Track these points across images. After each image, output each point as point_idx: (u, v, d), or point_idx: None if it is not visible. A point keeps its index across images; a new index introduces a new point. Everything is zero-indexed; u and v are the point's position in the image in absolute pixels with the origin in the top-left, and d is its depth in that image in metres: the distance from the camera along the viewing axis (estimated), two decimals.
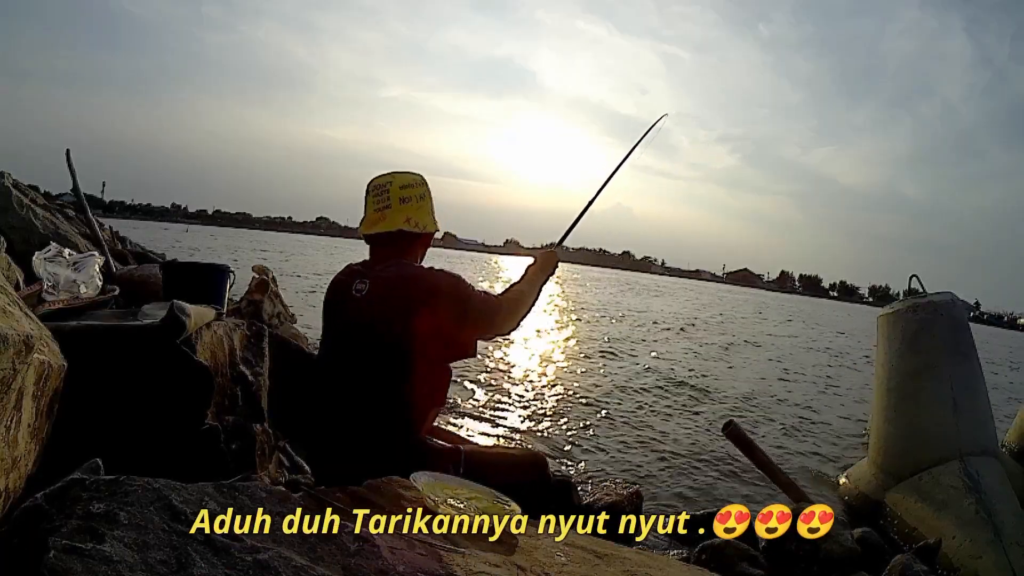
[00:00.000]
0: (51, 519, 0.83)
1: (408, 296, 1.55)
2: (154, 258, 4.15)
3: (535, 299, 1.79)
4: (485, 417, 4.58)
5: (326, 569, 0.92)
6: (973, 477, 2.68)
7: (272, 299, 3.82)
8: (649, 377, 7.11)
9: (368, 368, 1.57)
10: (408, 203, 1.67)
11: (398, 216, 1.66)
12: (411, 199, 1.68)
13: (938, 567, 2.44)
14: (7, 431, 1.05)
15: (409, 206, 1.67)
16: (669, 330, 13.47)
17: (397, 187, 1.68)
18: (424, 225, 1.70)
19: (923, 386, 3.06)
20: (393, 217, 1.66)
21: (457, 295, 1.59)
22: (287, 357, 2.58)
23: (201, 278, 2.49)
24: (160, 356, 1.62)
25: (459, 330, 1.62)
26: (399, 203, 1.67)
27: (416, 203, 1.69)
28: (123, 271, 3.02)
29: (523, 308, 1.73)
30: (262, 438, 2.08)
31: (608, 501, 2.71)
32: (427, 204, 1.72)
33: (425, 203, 1.72)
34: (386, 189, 1.68)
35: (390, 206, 1.66)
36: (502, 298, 1.72)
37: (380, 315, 1.56)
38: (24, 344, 1.07)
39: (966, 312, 3.49)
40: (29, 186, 3.53)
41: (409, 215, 1.67)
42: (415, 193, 1.70)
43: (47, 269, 2.12)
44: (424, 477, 1.36)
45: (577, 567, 1.21)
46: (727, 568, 2.27)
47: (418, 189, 1.71)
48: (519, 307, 1.72)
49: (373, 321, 1.57)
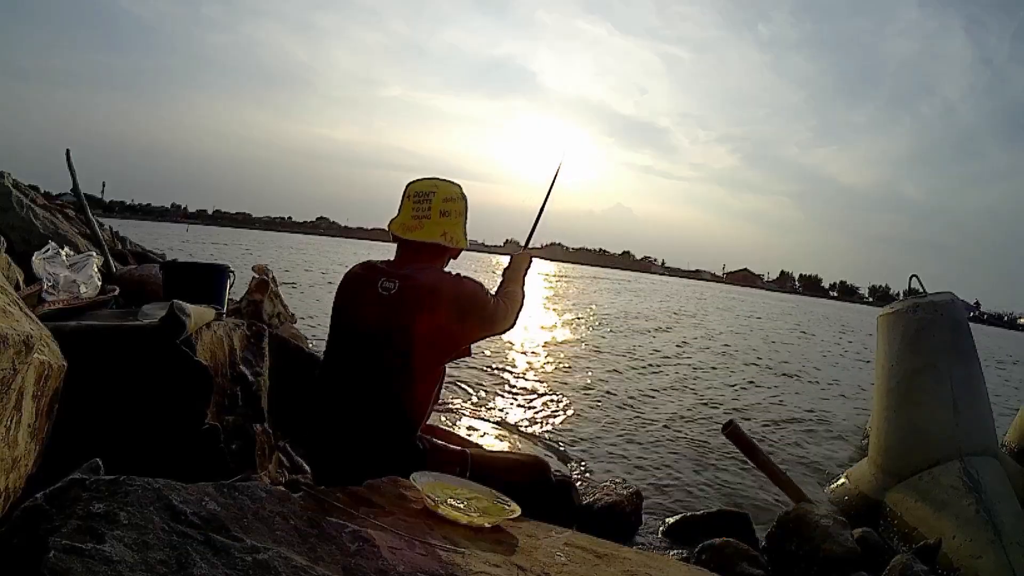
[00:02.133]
0: (51, 519, 0.83)
1: (441, 302, 1.56)
2: (154, 258, 4.15)
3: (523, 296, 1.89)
4: (484, 417, 4.58)
5: (326, 569, 0.92)
6: (973, 477, 2.68)
7: (272, 299, 3.82)
8: (649, 377, 7.11)
9: (380, 367, 1.57)
10: (447, 217, 1.68)
11: (436, 229, 1.66)
12: (451, 213, 1.69)
13: (938, 567, 2.44)
14: (7, 431, 1.05)
15: (448, 220, 1.68)
16: (667, 331, 13.47)
17: (440, 199, 1.67)
18: (458, 241, 1.72)
19: (923, 386, 3.06)
20: (431, 229, 1.66)
21: (483, 304, 1.64)
22: (287, 357, 2.58)
23: (201, 278, 2.49)
24: (160, 356, 1.62)
25: (478, 335, 1.68)
26: (439, 216, 1.66)
27: (455, 218, 1.70)
28: (123, 271, 3.02)
29: (519, 307, 1.81)
30: (262, 438, 2.08)
31: (608, 501, 2.72)
32: (463, 220, 1.74)
33: (462, 219, 1.74)
34: (428, 199, 1.67)
35: (429, 217, 1.66)
36: (503, 301, 1.77)
37: (407, 317, 1.55)
38: (24, 344, 1.07)
39: (966, 312, 3.49)
40: (29, 186, 3.54)
41: (446, 230, 1.68)
42: (455, 208, 1.70)
43: (47, 269, 2.12)
44: (424, 477, 1.37)
45: (577, 567, 1.21)
46: (727, 568, 2.27)
47: (459, 204, 1.72)
48: (516, 307, 1.80)
49: (399, 321, 1.56)
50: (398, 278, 1.60)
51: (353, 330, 1.65)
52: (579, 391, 5.86)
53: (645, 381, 6.83)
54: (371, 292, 1.60)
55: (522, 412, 4.88)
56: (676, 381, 7.05)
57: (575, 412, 5.02)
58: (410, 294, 1.57)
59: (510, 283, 1.88)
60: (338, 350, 1.68)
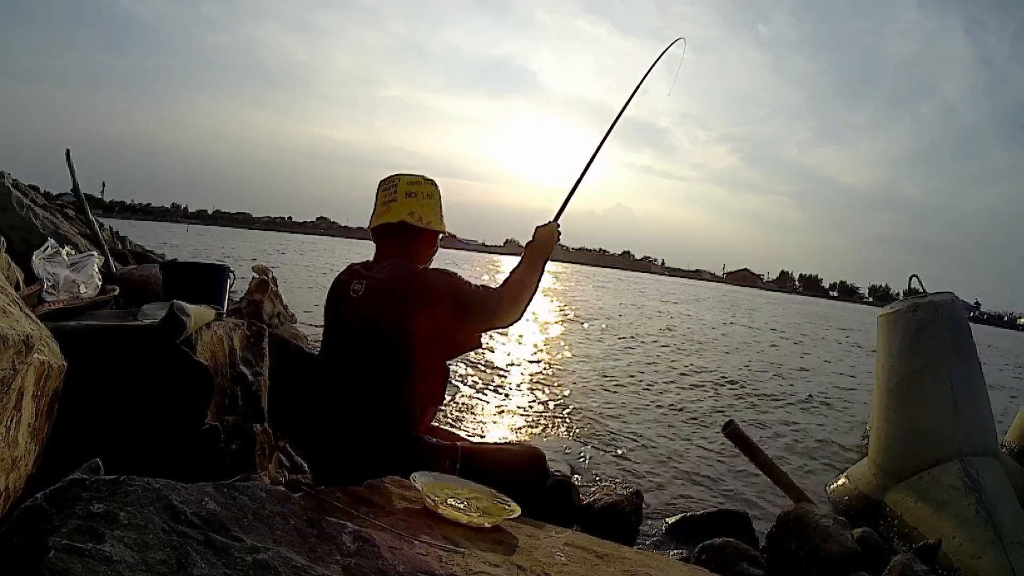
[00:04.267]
0: (51, 519, 0.83)
1: (403, 298, 1.56)
2: (154, 258, 4.15)
3: (537, 282, 1.78)
4: (484, 417, 4.58)
5: (326, 569, 0.92)
6: (973, 477, 2.68)
7: (272, 299, 3.82)
8: (649, 377, 7.11)
9: (365, 368, 1.58)
10: (413, 198, 1.69)
11: (402, 209, 1.68)
12: (417, 195, 1.70)
13: (938, 567, 2.43)
14: (7, 431, 1.05)
15: (414, 200, 1.69)
16: (667, 330, 13.47)
17: (405, 183, 1.70)
18: (428, 221, 1.70)
19: (923, 386, 3.06)
20: (397, 210, 1.68)
21: (453, 293, 1.59)
22: (287, 357, 2.59)
23: (201, 278, 2.49)
24: (160, 356, 1.62)
25: (458, 328, 1.62)
26: (405, 196, 1.69)
27: (423, 199, 1.70)
28: (123, 271, 3.02)
29: (525, 296, 1.72)
30: (262, 438, 2.08)
31: (608, 501, 2.71)
32: (433, 203, 1.73)
33: (432, 201, 1.73)
34: (394, 184, 1.71)
35: (396, 199, 1.69)
36: (502, 289, 1.71)
37: (375, 317, 1.57)
38: (24, 344, 1.07)
39: (966, 312, 3.48)
40: (29, 186, 3.54)
41: (413, 209, 1.68)
42: (422, 190, 1.71)
43: (47, 269, 2.12)
44: (424, 477, 1.37)
45: (577, 567, 1.21)
46: (727, 568, 2.27)
47: (425, 187, 1.72)
48: (520, 296, 1.71)
49: (368, 322, 1.58)
50: (366, 279, 1.64)
51: (334, 333, 1.69)
52: (579, 391, 5.86)
53: (645, 381, 6.82)
54: (346, 295, 1.65)
55: (522, 412, 4.88)
56: (676, 381, 7.05)
57: (575, 412, 5.02)
58: (374, 293, 1.60)
59: (522, 267, 1.79)
60: (326, 352, 1.73)
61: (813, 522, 2.50)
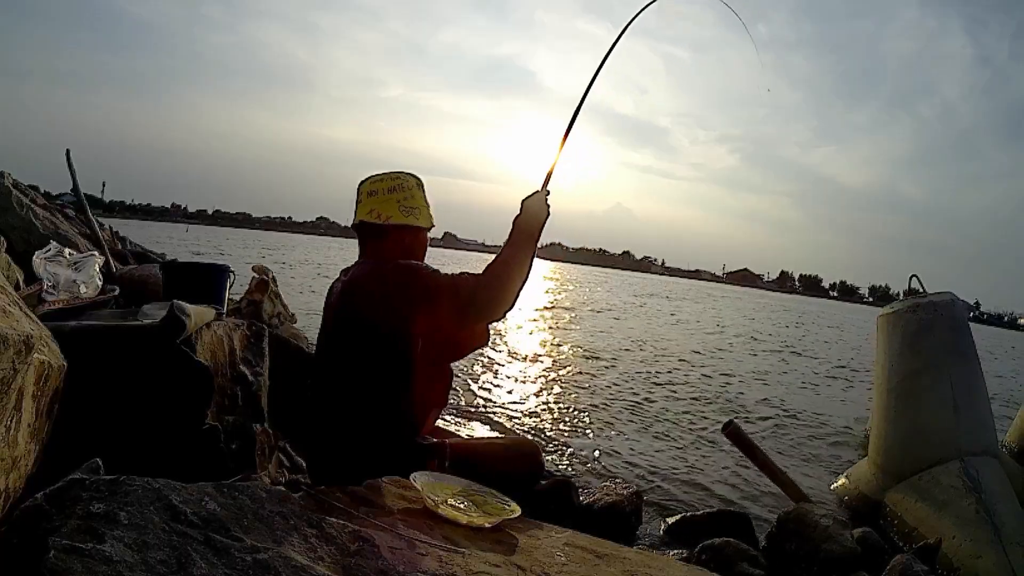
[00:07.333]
0: (51, 519, 0.83)
1: (367, 296, 1.58)
2: (154, 258, 4.15)
3: (529, 262, 1.59)
4: (484, 417, 4.58)
5: (326, 569, 0.92)
6: (973, 477, 2.68)
7: (272, 299, 3.81)
8: (649, 377, 7.10)
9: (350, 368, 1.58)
10: (374, 196, 1.69)
11: (362, 209, 1.69)
12: (378, 192, 1.69)
13: (938, 567, 2.43)
14: (7, 431, 1.05)
15: (374, 199, 1.68)
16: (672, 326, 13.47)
17: (368, 183, 1.71)
18: (387, 216, 1.64)
19: (923, 386, 3.06)
20: (359, 211, 1.70)
21: (416, 284, 1.52)
22: (287, 357, 2.59)
23: (201, 278, 2.49)
24: (160, 356, 1.62)
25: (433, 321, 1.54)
26: (367, 197, 1.70)
27: (383, 196, 1.68)
28: (123, 271, 3.02)
29: (514, 278, 1.54)
30: (262, 438, 2.08)
31: (608, 501, 2.71)
32: (397, 197, 1.67)
33: (394, 196, 1.67)
34: (360, 190, 1.72)
35: (361, 201, 1.71)
36: (482, 275, 1.54)
37: (347, 316, 1.61)
38: (24, 344, 1.07)
39: (966, 312, 3.48)
40: (29, 186, 3.53)
41: (373, 207, 1.68)
42: (382, 187, 1.69)
43: (47, 269, 2.12)
44: (424, 477, 1.37)
45: (577, 567, 1.21)
46: (727, 568, 2.27)
47: (387, 183, 1.69)
48: (506, 279, 1.53)
49: (342, 322, 1.63)
50: (341, 281, 1.69)
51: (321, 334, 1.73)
52: (579, 391, 5.86)
53: (645, 380, 6.82)
54: (328, 297, 1.71)
55: (522, 411, 4.87)
56: (676, 381, 7.05)
57: (575, 412, 5.02)
58: (340, 296, 1.65)
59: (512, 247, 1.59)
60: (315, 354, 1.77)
61: (813, 522, 2.50)
